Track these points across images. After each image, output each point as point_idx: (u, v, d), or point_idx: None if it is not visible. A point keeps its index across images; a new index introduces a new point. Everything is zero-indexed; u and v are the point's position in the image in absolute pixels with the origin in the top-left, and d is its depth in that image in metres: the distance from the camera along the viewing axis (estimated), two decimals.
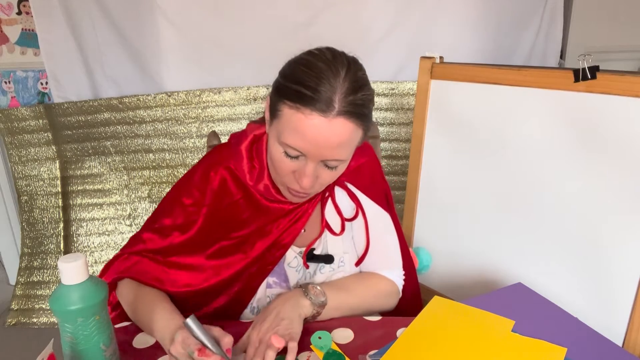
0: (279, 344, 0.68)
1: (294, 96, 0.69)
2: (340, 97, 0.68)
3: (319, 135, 0.69)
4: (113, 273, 0.85)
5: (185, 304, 0.83)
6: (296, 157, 0.73)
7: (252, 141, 0.85)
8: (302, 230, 0.88)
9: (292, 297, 0.79)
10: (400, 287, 0.95)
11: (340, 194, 0.90)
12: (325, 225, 0.88)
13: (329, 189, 0.88)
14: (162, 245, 0.86)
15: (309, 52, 0.74)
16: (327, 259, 0.88)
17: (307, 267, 0.88)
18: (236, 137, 0.88)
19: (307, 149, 0.71)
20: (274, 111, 0.74)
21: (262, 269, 0.86)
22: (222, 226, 0.86)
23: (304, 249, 0.87)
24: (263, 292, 0.87)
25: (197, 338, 0.65)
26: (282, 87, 0.72)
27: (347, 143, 0.72)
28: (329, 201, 0.89)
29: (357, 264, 0.92)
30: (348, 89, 0.69)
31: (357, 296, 0.87)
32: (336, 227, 0.89)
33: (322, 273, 0.89)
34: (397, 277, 0.95)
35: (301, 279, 0.88)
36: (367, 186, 0.91)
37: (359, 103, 0.70)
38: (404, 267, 0.97)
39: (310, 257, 0.87)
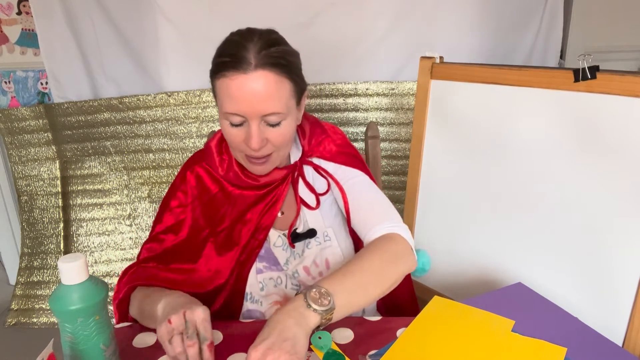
0: None
1: (219, 67, 0.78)
2: (254, 54, 0.75)
3: (245, 91, 0.75)
4: (124, 286, 0.86)
5: None
6: (240, 124, 0.79)
7: (221, 138, 0.92)
8: (280, 214, 0.92)
9: (295, 310, 0.69)
10: (405, 235, 0.85)
11: (309, 171, 0.94)
12: (301, 202, 0.92)
13: (298, 170, 0.92)
14: (160, 250, 0.89)
15: (230, 33, 0.82)
16: (310, 233, 0.91)
17: (294, 247, 0.91)
18: (208, 139, 0.96)
19: (242, 109, 0.77)
20: (213, 93, 0.83)
21: (249, 255, 0.89)
22: (209, 221, 0.90)
23: (286, 232, 0.91)
24: (254, 278, 0.89)
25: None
26: (211, 68, 0.81)
27: (276, 94, 0.77)
28: (300, 181, 0.92)
29: (349, 223, 0.93)
30: (261, 46, 0.76)
31: (366, 272, 0.77)
32: (312, 204, 0.92)
33: (309, 248, 0.91)
34: (394, 227, 0.85)
35: (290, 257, 0.91)
36: (335, 154, 0.94)
37: (274, 55, 0.76)
38: None
39: (294, 237, 0.91)
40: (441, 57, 1.30)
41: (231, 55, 0.76)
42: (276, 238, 0.91)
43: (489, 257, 1.26)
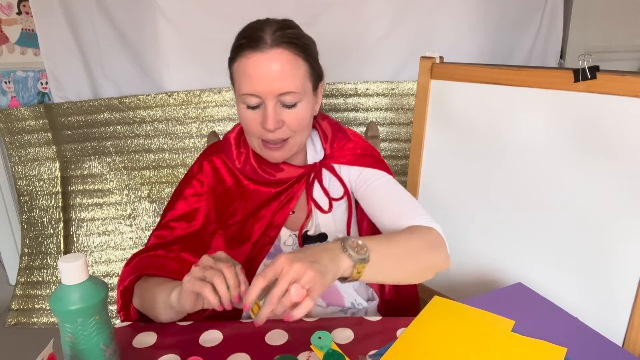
0: (296, 297, 0.60)
1: (236, 51, 0.81)
2: (270, 34, 0.79)
3: (261, 68, 0.78)
4: (130, 273, 0.84)
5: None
6: (257, 106, 0.80)
7: (240, 132, 0.92)
8: (291, 213, 0.91)
9: (332, 249, 0.67)
10: (440, 231, 0.84)
11: (327, 175, 0.93)
12: (313, 202, 0.91)
13: (315, 171, 0.91)
14: (171, 238, 0.89)
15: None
16: (321, 237, 0.91)
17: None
18: (227, 132, 0.96)
19: (258, 88, 0.78)
20: (232, 80, 0.84)
21: (260, 250, 0.89)
22: (219, 214, 0.90)
23: (297, 232, 0.91)
24: None
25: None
26: (230, 55, 0.83)
27: (291, 73, 0.79)
28: (316, 183, 0.92)
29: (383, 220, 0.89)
30: (277, 28, 0.80)
31: (402, 246, 0.76)
32: (325, 207, 0.92)
33: None
34: (429, 222, 0.85)
35: None
36: (358, 157, 0.94)
37: (289, 35, 0.80)
38: None
39: (305, 239, 0.91)
40: (441, 57, 1.30)
41: (248, 37, 0.80)
42: (287, 237, 0.92)
43: (489, 257, 1.26)
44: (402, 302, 0.98)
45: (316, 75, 0.85)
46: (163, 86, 1.95)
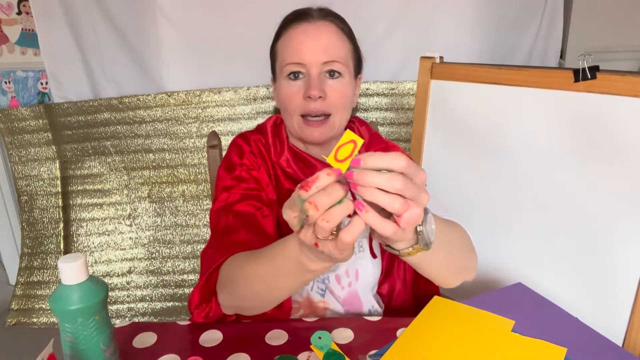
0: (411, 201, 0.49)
1: (282, 29, 0.85)
2: (316, 11, 0.84)
3: (308, 37, 0.81)
4: (220, 256, 0.75)
5: None
6: (300, 74, 0.81)
7: (275, 122, 0.94)
8: None
9: None
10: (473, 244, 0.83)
11: None
12: None
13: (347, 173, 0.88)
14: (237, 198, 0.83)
15: None
16: None
17: None
18: (261, 123, 0.96)
19: (304, 56, 0.80)
20: (273, 65, 0.87)
21: None
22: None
23: None
24: None
25: None
26: (274, 38, 0.87)
27: (336, 44, 0.82)
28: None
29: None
30: (322, 8, 0.85)
31: (454, 237, 0.74)
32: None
33: None
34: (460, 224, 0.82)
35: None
36: None
37: (333, 12, 0.85)
38: None
39: None
40: (441, 57, 1.30)
41: (294, 14, 0.84)
42: None
43: (489, 257, 1.26)
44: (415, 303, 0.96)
45: (357, 59, 0.88)
46: (163, 86, 1.95)
